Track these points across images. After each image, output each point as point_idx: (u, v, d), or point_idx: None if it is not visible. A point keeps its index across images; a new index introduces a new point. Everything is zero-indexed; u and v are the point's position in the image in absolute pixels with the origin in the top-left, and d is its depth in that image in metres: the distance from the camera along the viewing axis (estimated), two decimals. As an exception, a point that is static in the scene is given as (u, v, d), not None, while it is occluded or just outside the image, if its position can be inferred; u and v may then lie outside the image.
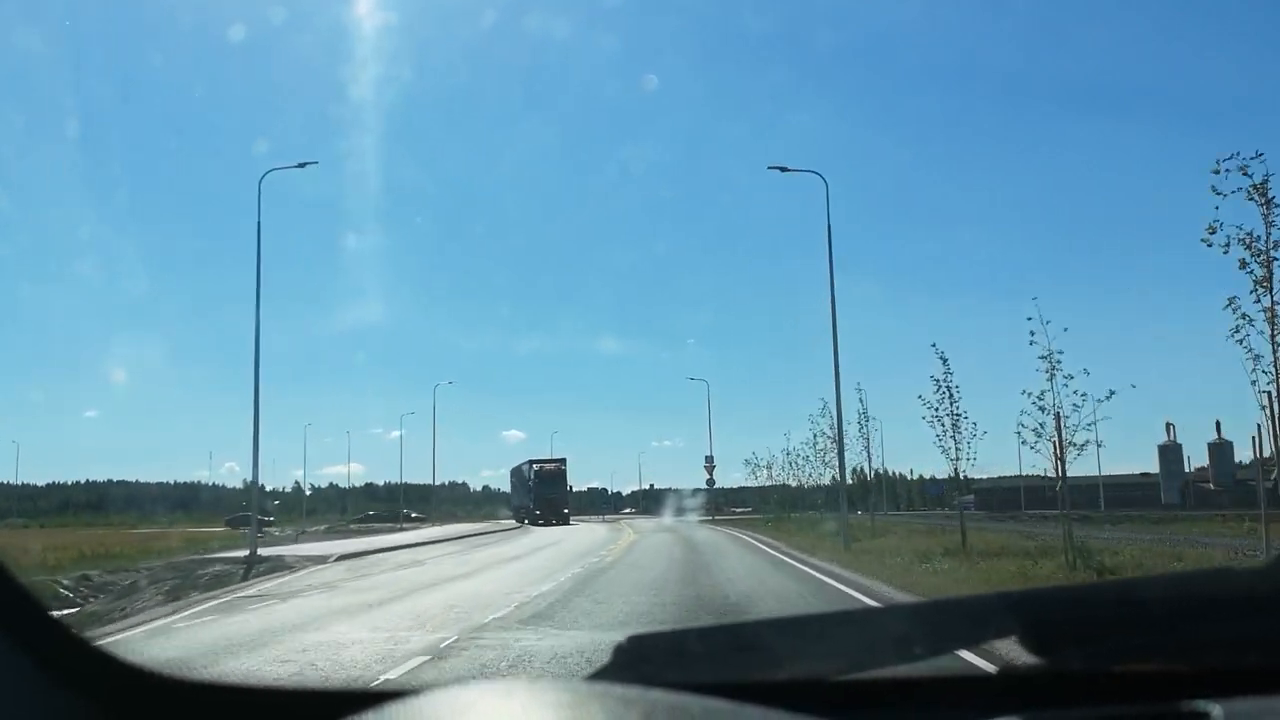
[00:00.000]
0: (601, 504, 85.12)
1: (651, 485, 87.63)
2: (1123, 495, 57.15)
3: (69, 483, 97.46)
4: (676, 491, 74.73)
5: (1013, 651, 1.25)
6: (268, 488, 73.68)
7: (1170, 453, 62.90)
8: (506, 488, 73.97)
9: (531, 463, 60.14)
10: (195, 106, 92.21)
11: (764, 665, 1.23)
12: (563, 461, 61.11)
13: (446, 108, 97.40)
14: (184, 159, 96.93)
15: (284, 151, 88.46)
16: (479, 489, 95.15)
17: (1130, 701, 1.17)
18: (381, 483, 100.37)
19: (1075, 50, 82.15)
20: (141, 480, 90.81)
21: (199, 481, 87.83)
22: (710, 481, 57.54)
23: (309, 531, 42.51)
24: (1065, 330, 13.95)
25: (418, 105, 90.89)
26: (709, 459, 57.24)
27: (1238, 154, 10.88)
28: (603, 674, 1.18)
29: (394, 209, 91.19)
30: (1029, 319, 13.84)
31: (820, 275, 27.77)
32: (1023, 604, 1.32)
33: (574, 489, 73.85)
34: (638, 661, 1.20)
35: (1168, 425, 62.61)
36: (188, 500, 75.18)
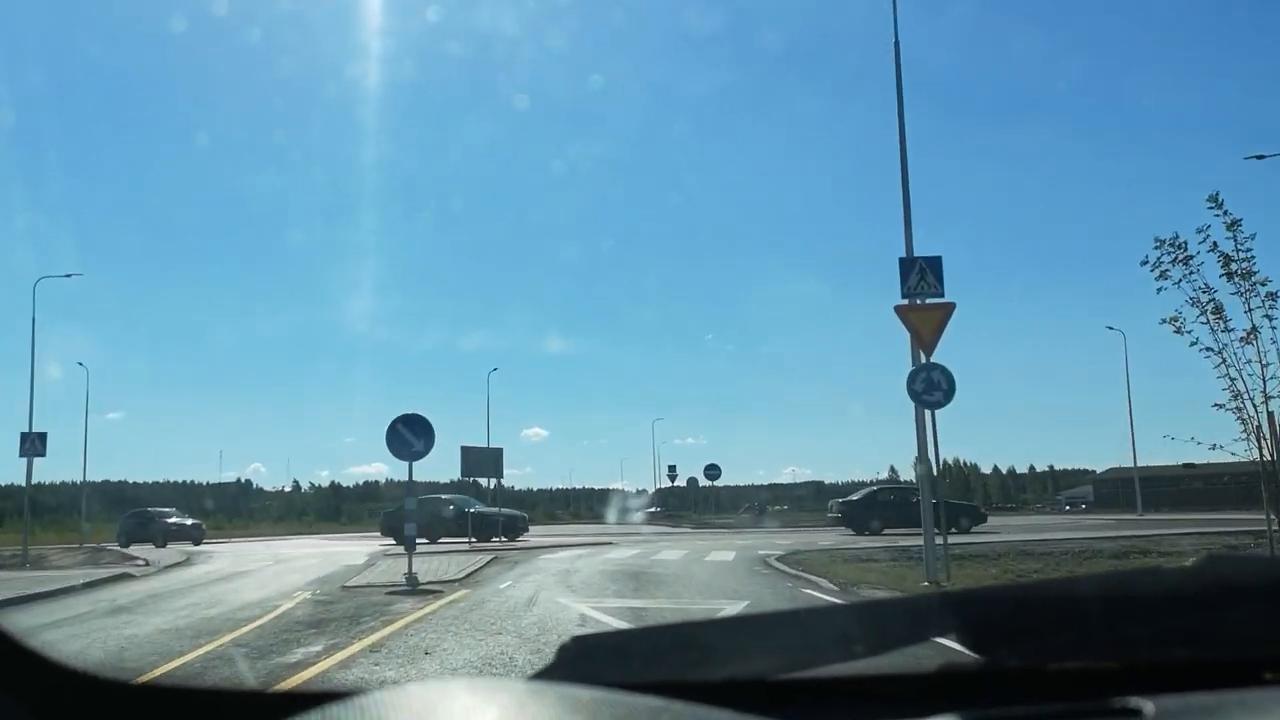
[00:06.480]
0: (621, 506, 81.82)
1: (673, 468, 62.40)
2: (1255, 488, 52.39)
3: (58, 483, 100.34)
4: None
5: (953, 650, 1.43)
6: (268, 488, 75.63)
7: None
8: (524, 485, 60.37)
9: None
10: (135, 98, 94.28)
11: (707, 664, 1.34)
12: None
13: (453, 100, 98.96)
14: (125, 152, 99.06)
15: (225, 143, 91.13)
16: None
17: (1066, 698, 1.34)
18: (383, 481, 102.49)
19: (1015, 58, 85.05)
20: (138, 481, 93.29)
21: (193, 481, 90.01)
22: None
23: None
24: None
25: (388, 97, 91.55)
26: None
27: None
28: (547, 673, 1.27)
29: (355, 203, 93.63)
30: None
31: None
32: (962, 603, 1.48)
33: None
34: (581, 661, 1.31)
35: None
36: (182, 502, 76.85)
